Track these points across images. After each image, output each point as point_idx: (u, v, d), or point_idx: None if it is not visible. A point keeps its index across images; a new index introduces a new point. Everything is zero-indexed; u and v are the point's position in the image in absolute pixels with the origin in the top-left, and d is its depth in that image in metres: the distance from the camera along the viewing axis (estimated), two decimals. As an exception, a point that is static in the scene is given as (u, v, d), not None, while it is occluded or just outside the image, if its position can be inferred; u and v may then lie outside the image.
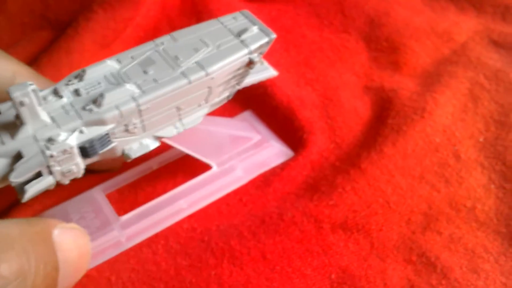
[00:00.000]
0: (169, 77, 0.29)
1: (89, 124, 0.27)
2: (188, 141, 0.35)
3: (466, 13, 0.46)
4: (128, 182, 0.37)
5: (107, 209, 0.35)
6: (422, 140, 0.37)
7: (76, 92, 0.28)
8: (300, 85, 0.42)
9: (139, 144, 0.30)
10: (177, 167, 0.38)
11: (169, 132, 0.31)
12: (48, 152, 0.26)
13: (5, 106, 0.29)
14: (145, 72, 0.29)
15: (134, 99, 0.28)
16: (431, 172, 0.35)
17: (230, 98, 0.33)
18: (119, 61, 0.30)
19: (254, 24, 0.32)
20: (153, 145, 0.31)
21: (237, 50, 0.30)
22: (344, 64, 0.44)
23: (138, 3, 0.43)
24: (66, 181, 0.28)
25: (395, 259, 0.32)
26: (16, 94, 0.25)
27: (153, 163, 0.38)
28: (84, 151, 0.28)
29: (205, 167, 0.36)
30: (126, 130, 0.29)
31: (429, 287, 0.30)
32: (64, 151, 0.27)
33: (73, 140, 0.27)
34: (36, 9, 0.45)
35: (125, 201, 0.36)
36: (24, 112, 0.26)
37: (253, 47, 0.31)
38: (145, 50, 0.31)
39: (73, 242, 0.26)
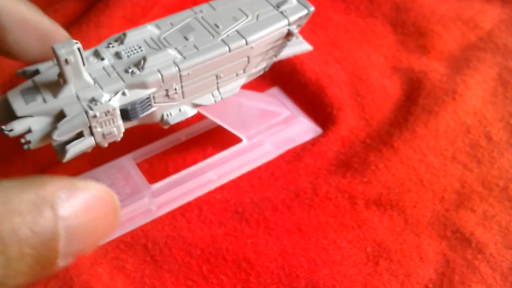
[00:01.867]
0: (210, 44, 0.29)
1: (131, 87, 0.27)
2: (220, 112, 0.35)
3: (491, 3, 0.47)
4: (158, 153, 0.37)
5: (138, 177, 0.35)
6: (454, 121, 0.37)
7: (117, 55, 0.28)
8: (328, 63, 0.42)
9: (178, 111, 0.30)
10: (206, 139, 0.38)
11: (207, 100, 0.31)
12: (91, 113, 0.26)
13: (45, 65, 0.28)
14: (185, 38, 0.29)
15: (175, 64, 0.28)
16: (463, 153, 0.36)
17: (267, 69, 0.33)
18: (158, 27, 0.30)
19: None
20: (191, 112, 0.31)
21: (276, 21, 0.31)
22: (371, 46, 0.44)
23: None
24: (105, 144, 0.28)
25: (430, 235, 0.32)
26: (62, 52, 0.25)
27: (181, 135, 0.38)
28: (126, 113, 0.27)
29: (234, 140, 0.36)
30: (167, 95, 0.29)
31: (464, 262, 0.31)
32: (107, 112, 0.26)
33: (116, 102, 0.27)
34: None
35: (156, 171, 0.36)
36: (68, 71, 0.26)
37: (292, 18, 0.31)
38: (184, 17, 0.31)
39: (85, 206, 0.22)
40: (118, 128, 0.28)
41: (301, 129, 0.38)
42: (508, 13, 0.46)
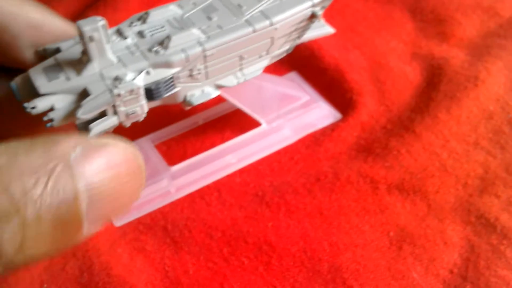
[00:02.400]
0: (234, 24, 0.29)
1: (155, 66, 0.27)
2: (240, 95, 0.34)
3: (511, -10, 0.46)
4: (176, 135, 0.37)
5: (157, 159, 0.34)
6: (476, 107, 0.37)
7: (140, 34, 0.28)
8: (347, 48, 0.41)
9: (201, 92, 0.30)
10: (224, 123, 0.37)
11: (230, 82, 0.31)
12: (115, 91, 0.25)
13: (66, 44, 0.28)
14: (208, 18, 0.29)
15: (200, 43, 0.27)
16: (486, 139, 0.35)
17: (290, 51, 0.33)
18: (181, 7, 0.30)
19: None
20: (214, 93, 0.30)
21: (301, 2, 0.30)
22: (390, 32, 0.43)
23: None
24: (128, 123, 0.28)
25: (453, 220, 0.32)
26: (86, 28, 0.24)
27: (199, 118, 0.37)
28: (150, 93, 0.27)
29: (252, 124, 0.36)
30: (190, 76, 0.28)
31: (489, 247, 0.30)
32: (131, 91, 0.26)
33: (140, 81, 0.26)
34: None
35: (174, 153, 0.36)
36: (92, 48, 0.25)
37: (317, 0, 0.30)
38: None
39: (105, 163, 0.20)
40: (142, 108, 0.27)
41: (321, 114, 0.38)
42: (528, 1, 0.45)
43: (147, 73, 0.27)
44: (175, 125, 0.37)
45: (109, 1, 0.42)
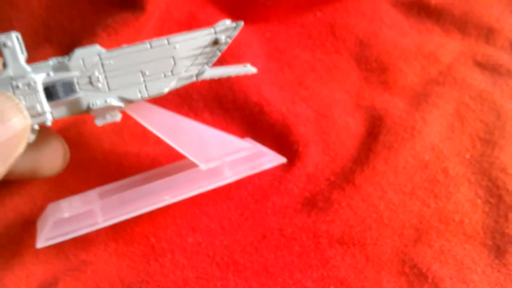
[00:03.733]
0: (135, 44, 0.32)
1: (56, 69, 0.31)
2: (179, 137, 0.36)
3: (451, 35, 0.49)
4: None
5: (92, 192, 0.37)
6: (412, 157, 0.39)
7: (60, 61, 0.31)
8: (295, 102, 0.44)
9: (103, 101, 0.32)
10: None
11: (133, 95, 0.32)
12: (13, 83, 0.30)
13: None
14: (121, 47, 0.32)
15: (99, 54, 0.31)
16: (421, 188, 0.38)
17: (200, 79, 0.34)
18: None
19: (225, 25, 0.33)
20: (117, 104, 0.32)
21: (203, 29, 0.32)
22: (336, 83, 0.46)
23: (140, 27, 0.45)
24: (35, 124, 0.31)
25: (389, 271, 0.34)
26: (1, 37, 0.29)
27: (150, 174, 0.39)
28: (48, 92, 0.31)
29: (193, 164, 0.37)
30: (90, 83, 0.31)
31: (421, 297, 0.33)
32: (29, 85, 0.30)
33: (39, 78, 0.30)
34: (39, 31, 0.47)
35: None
36: (7, 55, 0.30)
37: (219, 28, 0.32)
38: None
39: None
40: (41, 105, 0.30)
41: (264, 156, 0.38)
42: (467, 45, 0.48)
43: (48, 75, 0.31)
44: (125, 180, 0.39)
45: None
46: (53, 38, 0.46)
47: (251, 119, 0.43)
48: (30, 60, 0.43)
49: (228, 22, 0.33)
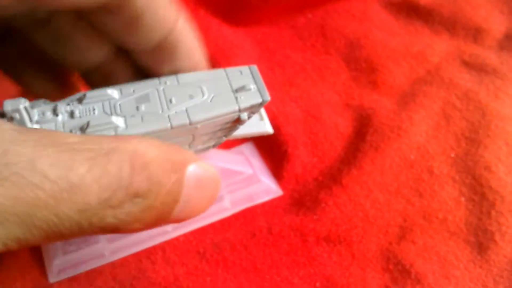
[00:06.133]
0: (155, 117, 0.30)
1: None
2: None
3: (439, 36, 0.49)
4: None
5: None
6: (398, 157, 0.40)
7: (71, 114, 0.30)
8: (285, 102, 0.45)
9: None
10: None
11: None
12: None
13: None
14: (137, 108, 0.31)
15: (115, 131, 0.30)
16: (406, 187, 0.39)
17: (216, 146, 0.35)
18: (120, 92, 0.32)
19: (255, 83, 0.31)
20: None
21: (227, 106, 0.30)
22: (326, 83, 0.47)
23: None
24: None
25: (374, 268, 0.35)
26: (7, 109, 0.27)
27: None
28: None
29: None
30: None
31: (404, 293, 0.34)
32: None
33: None
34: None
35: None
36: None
37: (244, 106, 0.30)
38: (148, 85, 0.32)
39: (202, 183, 0.26)
40: None
41: (261, 189, 0.40)
42: (455, 45, 0.49)
43: None
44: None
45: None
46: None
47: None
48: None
49: (253, 88, 0.31)
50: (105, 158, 0.22)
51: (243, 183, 0.40)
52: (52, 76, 0.34)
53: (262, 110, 0.35)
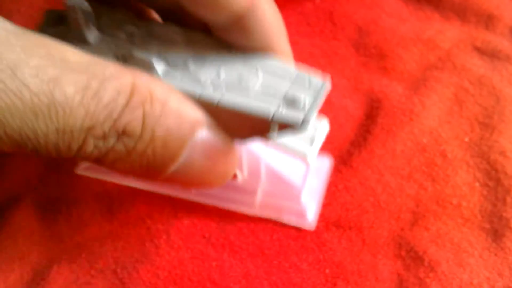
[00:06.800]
0: (190, 79, 0.26)
1: None
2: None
3: (450, 22, 0.48)
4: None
5: None
6: (410, 141, 0.39)
7: (131, 35, 0.27)
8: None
9: None
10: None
11: None
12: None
13: None
14: (185, 63, 0.27)
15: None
16: (419, 172, 0.37)
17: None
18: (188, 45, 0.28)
19: (310, 104, 0.26)
20: None
21: (261, 107, 0.25)
22: (335, 68, 0.45)
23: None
24: None
25: (386, 255, 0.34)
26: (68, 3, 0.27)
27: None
28: None
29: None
30: None
31: (417, 280, 0.32)
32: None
33: None
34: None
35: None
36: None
37: (277, 117, 0.25)
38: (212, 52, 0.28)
39: (213, 153, 0.24)
40: None
41: (294, 210, 0.36)
42: (466, 31, 0.47)
43: None
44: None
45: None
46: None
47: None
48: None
49: (302, 103, 0.26)
50: (101, 84, 0.20)
51: (282, 192, 0.36)
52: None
53: (321, 137, 0.32)
